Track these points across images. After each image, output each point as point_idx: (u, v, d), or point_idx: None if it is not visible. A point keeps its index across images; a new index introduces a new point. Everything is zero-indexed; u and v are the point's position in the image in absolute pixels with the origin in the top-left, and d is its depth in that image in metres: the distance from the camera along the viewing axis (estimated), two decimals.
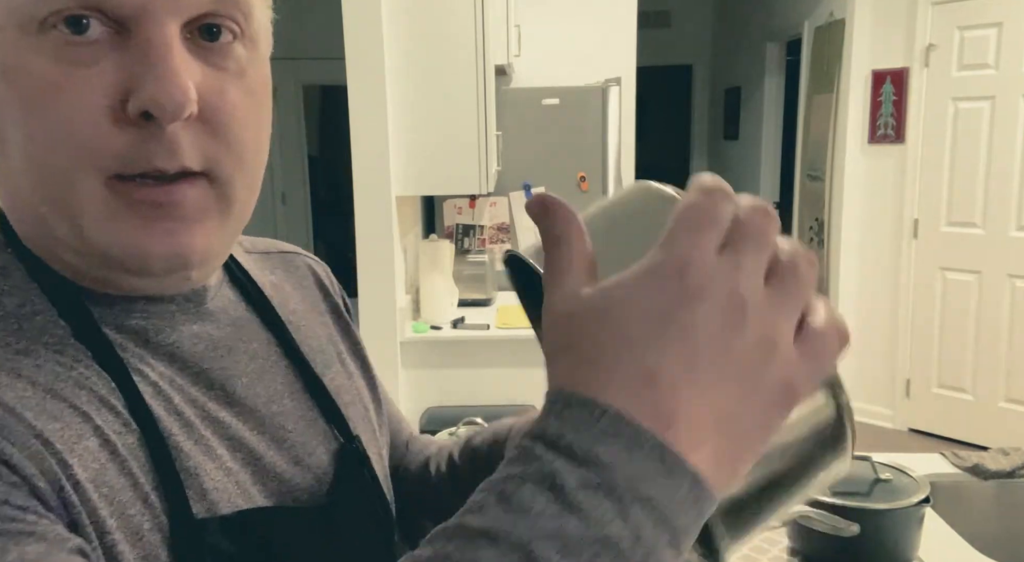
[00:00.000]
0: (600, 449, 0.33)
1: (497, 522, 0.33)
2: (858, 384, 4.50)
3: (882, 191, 4.27)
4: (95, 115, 0.46)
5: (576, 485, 0.32)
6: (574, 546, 0.31)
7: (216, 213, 0.51)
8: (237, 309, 0.62)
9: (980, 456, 1.51)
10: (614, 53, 4.05)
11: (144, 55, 0.46)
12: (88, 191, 0.47)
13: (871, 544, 1.17)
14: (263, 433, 0.58)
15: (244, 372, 0.59)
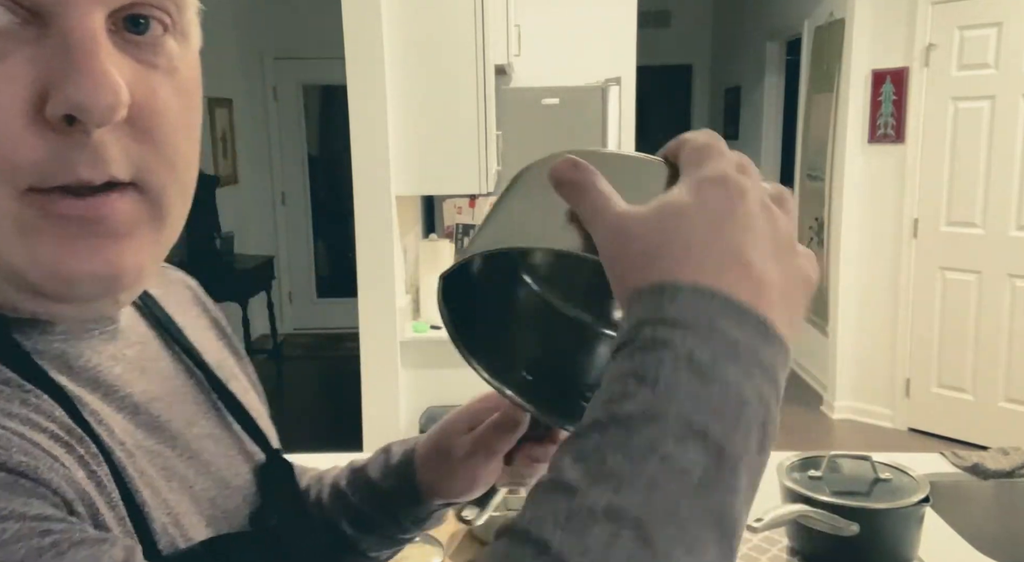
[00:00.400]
0: (720, 324, 0.37)
1: (653, 404, 0.35)
2: (858, 384, 4.50)
3: (882, 191, 4.27)
4: (6, 120, 0.39)
5: (710, 359, 0.36)
6: (719, 411, 0.35)
7: (148, 227, 0.45)
8: (139, 325, 0.56)
9: (980, 456, 1.51)
10: (614, 53, 4.05)
11: (65, 49, 0.39)
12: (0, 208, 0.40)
13: (871, 544, 1.17)
14: (191, 458, 0.53)
15: (161, 394, 0.54)
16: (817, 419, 4.59)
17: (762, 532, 1.14)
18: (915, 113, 4.07)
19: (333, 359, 5.78)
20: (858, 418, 4.50)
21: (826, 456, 1.29)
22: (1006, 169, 3.79)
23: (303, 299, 6.52)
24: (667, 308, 0.37)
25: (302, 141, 6.27)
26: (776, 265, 0.40)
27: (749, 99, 6.33)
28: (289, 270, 6.43)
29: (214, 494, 0.54)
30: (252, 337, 5.39)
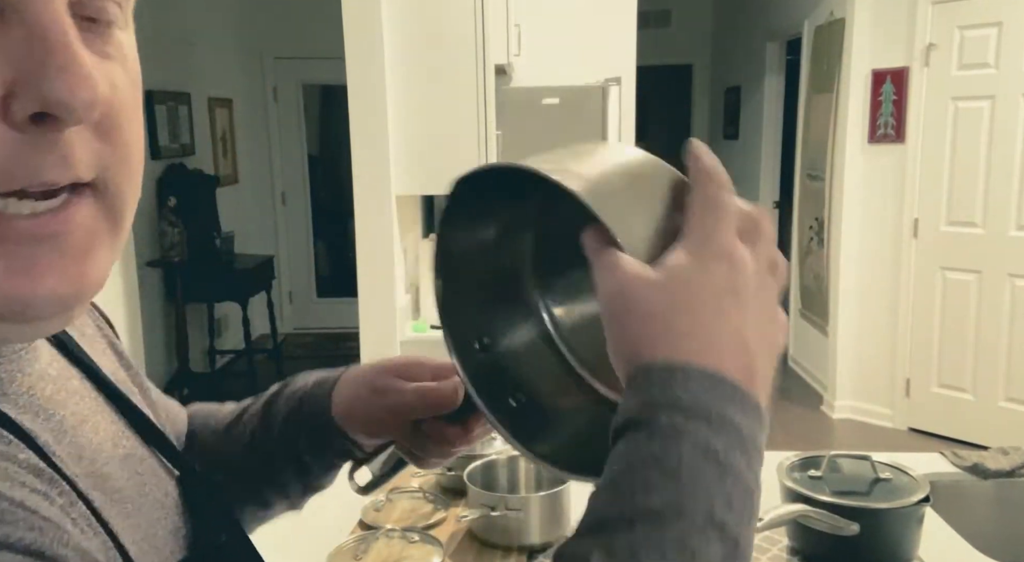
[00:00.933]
0: (728, 412, 0.40)
1: (681, 499, 0.38)
2: (858, 384, 4.50)
3: (882, 191, 4.27)
4: None
5: (723, 449, 0.39)
6: (735, 502, 0.39)
7: (106, 234, 0.42)
8: (42, 340, 0.50)
9: (980, 455, 1.51)
10: (614, 53, 4.05)
11: (37, 42, 0.36)
12: None
13: (871, 543, 1.17)
14: (128, 481, 0.50)
15: (87, 414, 0.50)
16: (817, 419, 4.59)
17: (762, 532, 1.14)
18: (915, 113, 4.07)
19: (333, 359, 5.73)
20: (858, 418, 4.50)
21: (826, 456, 1.29)
22: (1006, 169, 3.79)
23: (303, 299, 6.52)
24: (681, 394, 0.40)
25: (302, 141, 6.27)
26: (762, 341, 0.43)
27: (749, 99, 6.33)
28: (289, 270, 6.43)
29: (157, 515, 0.52)
30: (252, 337, 5.39)
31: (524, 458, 0.55)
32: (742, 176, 6.54)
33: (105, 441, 0.50)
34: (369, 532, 1.27)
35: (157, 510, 0.52)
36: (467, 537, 1.32)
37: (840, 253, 4.43)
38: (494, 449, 1.46)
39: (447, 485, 1.47)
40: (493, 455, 1.43)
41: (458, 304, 0.59)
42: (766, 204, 6.12)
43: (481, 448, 1.47)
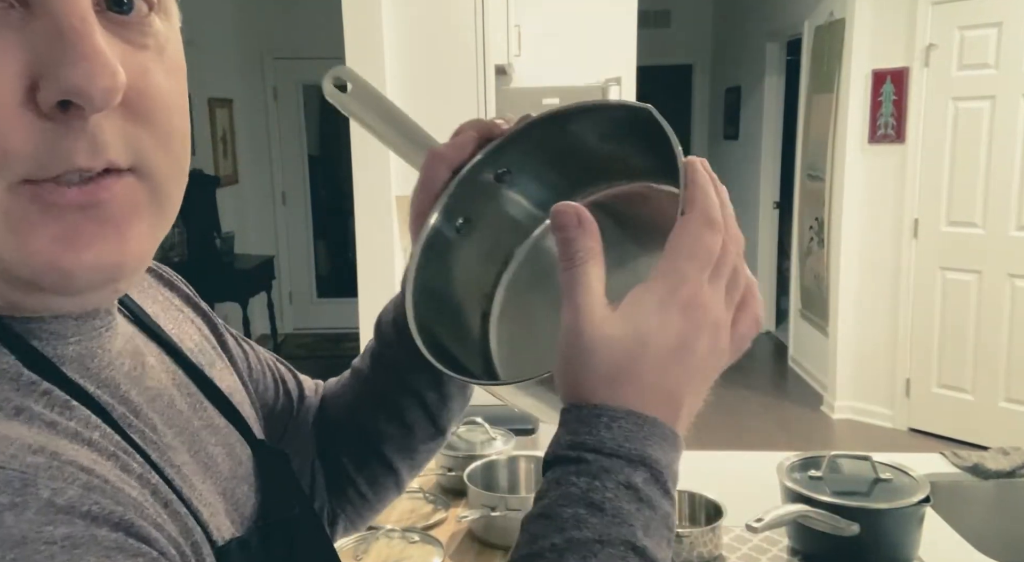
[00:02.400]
0: (649, 451, 0.45)
1: (605, 529, 0.43)
2: (858, 384, 4.50)
3: (882, 191, 4.27)
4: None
5: (642, 483, 0.45)
6: (652, 528, 0.45)
7: (148, 210, 0.43)
8: (120, 318, 0.52)
9: (980, 456, 1.51)
10: (614, 53, 4.05)
11: (56, 32, 0.37)
12: None
13: (871, 544, 1.17)
14: (199, 452, 0.52)
15: (162, 388, 0.52)
16: (817, 419, 4.59)
17: (762, 532, 1.14)
18: (915, 113, 4.07)
19: (333, 359, 5.78)
20: (858, 418, 4.50)
21: (826, 456, 1.29)
22: (1006, 169, 3.79)
23: (303, 299, 6.52)
24: (605, 435, 0.45)
25: (302, 141, 6.27)
26: (701, 389, 0.49)
27: (749, 99, 6.33)
28: (289, 270, 6.43)
29: (234, 484, 0.54)
30: (252, 337, 5.39)
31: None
32: (742, 176, 6.54)
33: (181, 414, 0.52)
34: (369, 532, 1.27)
35: (233, 480, 0.54)
36: (467, 537, 1.32)
37: (840, 253, 4.43)
38: (494, 449, 1.47)
39: (447, 485, 1.47)
40: (493, 455, 1.43)
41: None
42: (766, 204, 6.12)
43: (481, 448, 1.47)
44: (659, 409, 0.46)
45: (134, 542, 0.36)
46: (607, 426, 0.45)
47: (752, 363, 5.70)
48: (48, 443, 0.37)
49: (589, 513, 0.44)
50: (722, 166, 7.23)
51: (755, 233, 6.23)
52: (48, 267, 0.39)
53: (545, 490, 0.46)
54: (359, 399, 0.72)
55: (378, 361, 0.70)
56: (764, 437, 4.34)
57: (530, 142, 0.63)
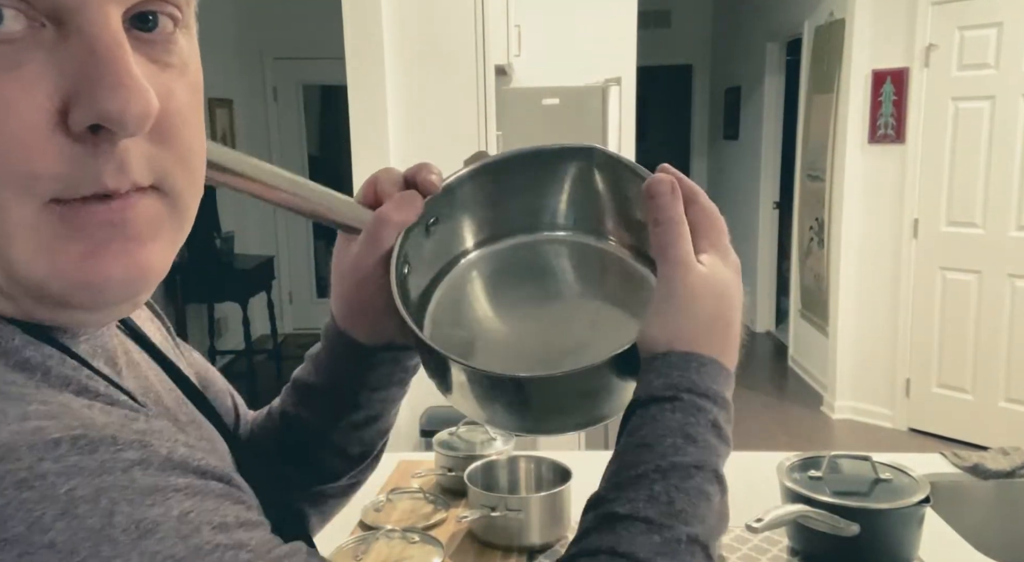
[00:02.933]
0: (726, 394, 0.55)
1: (700, 457, 0.51)
2: (858, 384, 4.50)
3: (882, 191, 4.27)
4: (27, 132, 0.37)
5: (723, 422, 0.54)
6: (723, 459, 0.53)
7: (168, 226, 0.44)
8: None
9: (980, 456, 1.51)
10: (614, 53, 4.05)
11: (89, 55, 0.37)
12: (18, 220, 0.38)
13: (871, 544, 1.17)
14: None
15: (149, 386, 0.54)
16: (817, 419, 4.59)
17: (762, 532, 1.14)
18: (915, 113, 4.07)
19: None
20: (858, 418, 4.50)
21: (826, 456, 1.29)
22: (1006, 169, 3.79)
23: (303, 299, 6.52)
24: (696, 379, 0.53)
25: (302, 141, 6.27)
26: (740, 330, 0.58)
27: (749, 99, 6.33)
28: (289, 270, 6.43)
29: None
30: (252, 337, 5.39)
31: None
32: (742, 176, 6.54)
33: (169, 410, 0.54)
34: (369, 533, 1.27)
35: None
36: (467, 538, 1.32)
37: (840, 253, 4.43)
38: (494, 449, 1.47)
39: (447, 486, 1.47)
40: (493, 456, 1.43)
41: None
42: (766, 204, 6.12)
43: (481, 448, 1.47)
44: (729, 359, 0.56)
45: (236, 490, 0.41)
46: (697, 370, 0.53)
47: (752, 363, 5.69)
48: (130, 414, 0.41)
49: (686, 443, 0.51)
50: (722, 166, 7.23)
51: (755, 233, 6.23)
52: (77, 284, 0.40)
53: (639, 425, 0.53)
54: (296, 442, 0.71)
55: (294, 422, 0.70)
56: (764, 437, 4.34)
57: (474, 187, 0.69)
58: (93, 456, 0.35)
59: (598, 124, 3.50)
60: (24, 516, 0.32)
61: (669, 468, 0.50)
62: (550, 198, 0.67)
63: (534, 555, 1.26)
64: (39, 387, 0.40)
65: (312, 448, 0.70)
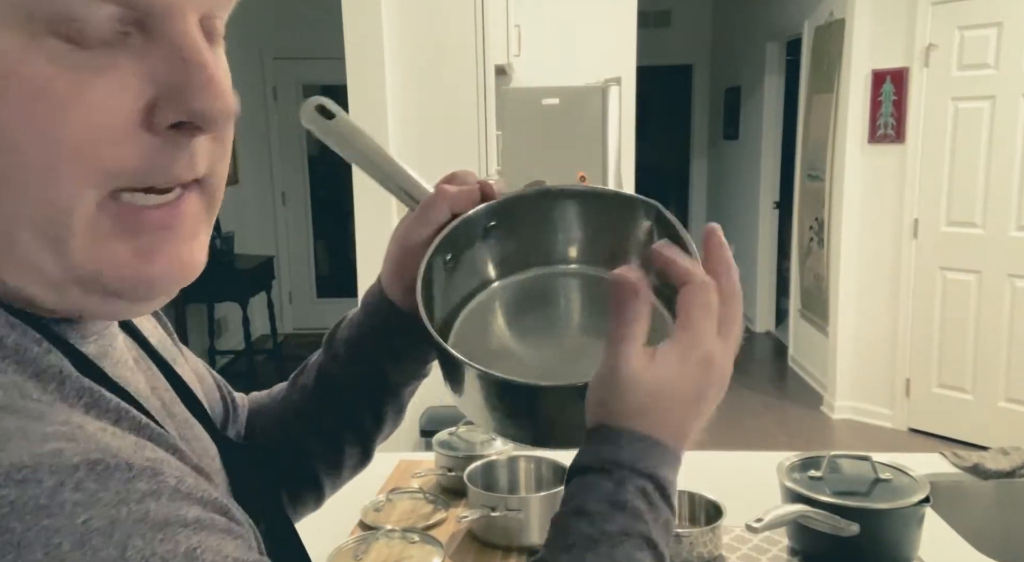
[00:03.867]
0: (658, 469, 0.55)
1: (628, 524, 0.53)
2: (858, 384, 4.50)
3: (882, 191, 4.27)
4: (115, 129, 0.40)
5: (652, 491, 0.54)
6: (659, 527, 0.54)
7: (205, 222, 0.48)
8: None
9: (980, 456, 1.51)
10: (614, 53, 4.05)
11: (179, 59, 0.41)
12: (83, 213, 0.41)
13: (871, 544, 1.17)
14: (189, 443, 0.56)
15: (153, 383, 0.56)
16: (817, 419, 4.59)
17: (762, 532, 1.14)
18: (915, 113, 4.07)
19: None
20: (858, 418, 4.50)
21: (826, 456, 1.29)
22: (1006, 169, 3.79)
23: (303, 299, 6.52)
24: (626, 453, 0.54)
25: (302, 141, 6.27)
26: (705, 418, 0.57)
27: (749, 99, 6.33)
28: (289, 270, 6.43)
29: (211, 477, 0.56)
30: (252, 337, 5.39)
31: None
32: (742, 176, 6.54)
33: (168, 406, 0.56)
34: (369, 533, 1.27)
35: (210, 472, 0.56)
36: (467, 537, 1.32)
37: (840, 253, 4.43)
38: (494, 449, 1.47)
39: (447, 486, 1.47)
40: (493, 456, 1.43)
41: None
42: (766, 204, 6.13)
43: (481, 448, 1.47)
44: (669, 438, 0.55)
45: (235, 525, 0.41)
46: (628, 446, 0.54)
47: (752, 363, 5.69)
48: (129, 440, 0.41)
49: (614, 511, 0.53)
50: (722, 166, 7.23)
51: (755, 233, 6.23)
52: (129, 280, 0.43)
53: (573, 493, 0.56)
54: (297, 414, 0.75)
55: (324, 378, 0.74)
56: (764, 437, 4.34)
57: (528, 208, 0.70)
58: (109, 484, 0.36)
59: (598, 124, 3.50)
60: (43, 544, 0.33)
61: (598, 535, 0.52)
62: (597, 236, 0.70)
63: (534, 555, 1.26)
64: (53, 404, 0.40)
65: (346, 406, 0.73)
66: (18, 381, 0.40)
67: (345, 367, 0.72)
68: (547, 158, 3.50)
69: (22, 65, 0.38)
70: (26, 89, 0.38)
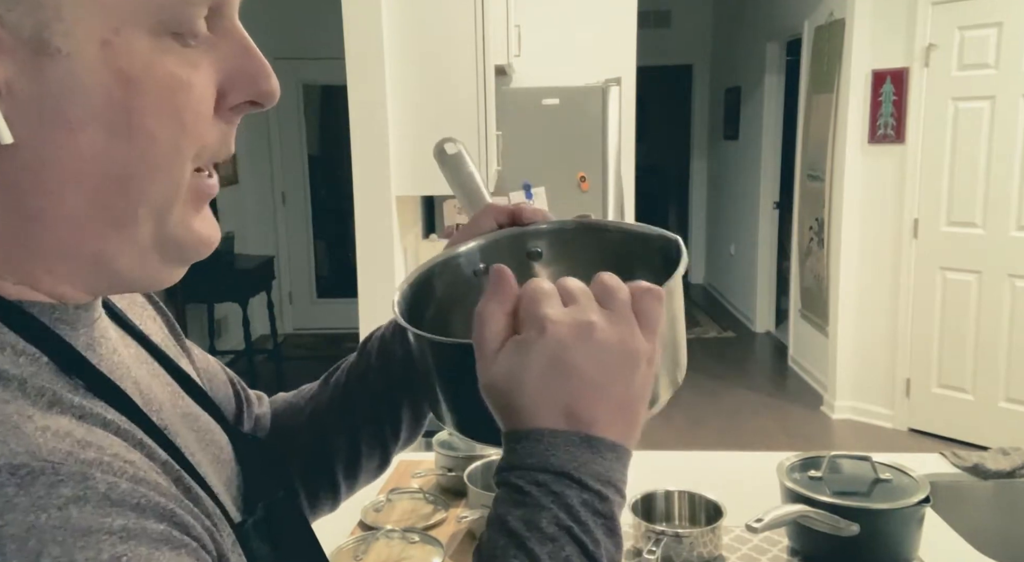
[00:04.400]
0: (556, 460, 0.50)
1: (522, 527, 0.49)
2: (858, 384, 4.50)
3: (882, 191, 4.27)
4: (203, 113, 0.46)
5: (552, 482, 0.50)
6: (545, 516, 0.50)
7: None
8: (100, 310, 0.55)
9: (980, 456, 1.51)
10: (614, 53, 4.05)
11: (241, 49, 0.47)
12: (184, 184, 0.47)
13: (871, 544, 1.17)
14: (192, 436, 0.57)
15: (149, 377, 0.56)
16: (817, 419, 4.59)
17: (762, 532, 1.14)
18: (915, 113, 4.07)
19: (333, 359, 5.66)
20: (858, 418, 4.50)
21: (826, 456, 1.29)
22: (1006, 169, 3.79)
23: (303, 299, 6.52)
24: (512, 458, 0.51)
25: (302, 141, 6.27)
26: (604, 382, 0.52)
27: (749, 99, 6.33)
28: (289, 270, 6.43)
29: (218, 468, 0.58)
30: (252, 337, 5.39)
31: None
32: (742, 176, 6.54)
33: (168, 401, 0.57)
34: (369, 533, 1.27)
35: (215, 464, 0.58)
36: (467, 537, 1.32)
37: (840, 253, 4.43)
38: (494, 450, 1.47)
39: (447, 486, 1.47)
40: (493, 455, 1.43)
41: None
42: (766, 204, 6.13)
43: (481, 448, 1.47)
44: (556, 422, 0.51)
45: (177, 534, 0.40)
46: (509, 449, 0.52)
47: (752, 363, 5.70)
48: (89, 435, 0.41)
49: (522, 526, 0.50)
50: (722, 166, 7.23)
51: (755, 233, 6.23)
52: (202, 241, 0.49)
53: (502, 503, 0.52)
54: (325, 411, 0.76)
55: (353, 378, 0.75)
56: (764, 437, 4.34)
57: (568, 238, 0.73)
58: (31, 489, 0.36)
59: (598, 124, 3.50)
60: None
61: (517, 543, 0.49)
62: (613, 265, 0.70)
63: None
64: (12, 401, 0.40)
65: (372, 407, 0.75)
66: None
67: (374, 370, 0.74)
68: (547, 158, 3.50)
69: (156, 63, 0.43)
70: (158, 82, 0.43)
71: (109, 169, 0.43)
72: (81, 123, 0.42)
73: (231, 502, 0.57)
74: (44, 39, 0.40)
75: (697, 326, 6.54)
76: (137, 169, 0.44)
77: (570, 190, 3.50)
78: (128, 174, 0.44)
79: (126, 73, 0.42)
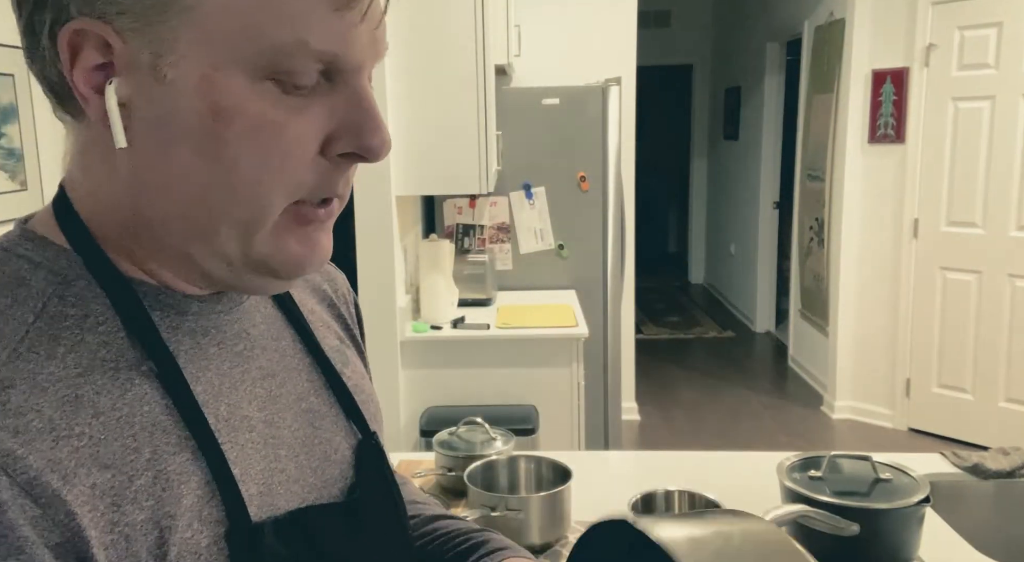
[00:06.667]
0: None
1: None
2: (858, 384, 4.50)
3: (882, 191, 4.28)
4: (304, 155, 0.51)
5: None
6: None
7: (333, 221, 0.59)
8: (267, 306, 0.66)
9: (980, 456, 1.51)
10: (614, 53, 4.05)
11: (358, 105, 0.52)
12: (272, 215, 0.52)
13: (871, 544, 1.17)
14: (296, 431, 0.62)
15: (277, 370, 0.63)
16: (817, 419, 4.59)
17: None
18: (915, 113, 4.07)
19: None
20: (858, 418, 4.51)
21: (826, 456, 1.29)
22: (1006, 169, 3.79)
23: None
24: None
25: None
26: None
27: (749, 99, 6.33)
28: None
29: (315, 466, 0.62)
30: None
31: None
32: (742, 176, 6.54)
33: (287, 395, 0.63)
34: None
35: (321, 461, 0.63)
36: None
37: (840, 253, 4.43)
38: (494, 449, 1.46)
39: (447, 485, 1.47)
40: (493, 455, 1.43)
41: None
42: (766, 204, 6.13)
43: (481, 448, 1.47)
44: None
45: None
46: None
47: (752, 363, 5.69)
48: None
49: None
50: (722, 166, 7.23)
51: (755, 233, 6.23)
52: (292, 262, 0.55)
53: None
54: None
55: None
56: (764, 437, 4.34)
57: None
58: None
59: (598, 124, 3.50)
60: None
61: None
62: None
63: (534, 555, 1.26)
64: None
65: None
66: None
67: None
68: (547, 158, 3.50)
69: (247, 101, 0.49)
70: (248, 120, 0.49)
71: (194, 184, 0.50)
72: (175, 141, 0.50)
73: (296, 489, 0.60)
74: (157, 67, 0.48)
75: (697, 326, 6.54)
76: (218, 190, 0.51)
77: (570, 190, 3.50)
78: (209, 193, 0.51)
79: (219, 105, 0.49)
